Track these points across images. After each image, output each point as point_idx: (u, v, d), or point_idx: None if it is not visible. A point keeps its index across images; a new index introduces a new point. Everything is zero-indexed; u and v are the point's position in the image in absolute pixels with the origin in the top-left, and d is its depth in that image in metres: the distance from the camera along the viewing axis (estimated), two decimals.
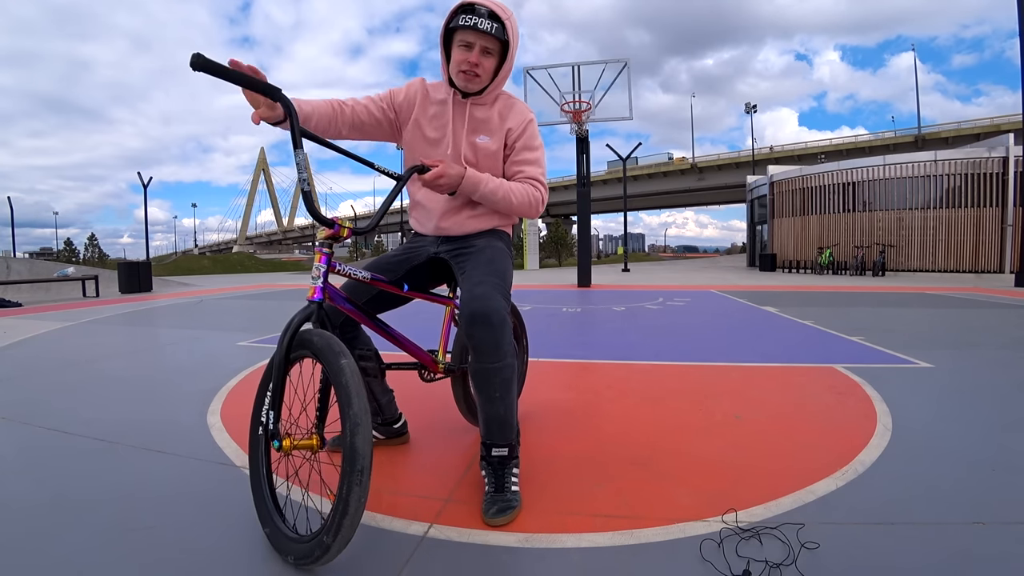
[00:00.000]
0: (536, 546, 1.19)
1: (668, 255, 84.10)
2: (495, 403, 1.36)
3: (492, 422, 1.39)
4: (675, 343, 4.07)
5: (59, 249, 61.23)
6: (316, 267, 1.25)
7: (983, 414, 2.17)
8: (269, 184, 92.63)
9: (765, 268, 18.98)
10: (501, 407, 1.37)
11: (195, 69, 1.03)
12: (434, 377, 1.68)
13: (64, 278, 9.85)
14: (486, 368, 1.33)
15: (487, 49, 1.43)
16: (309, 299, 1.24)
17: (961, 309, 6.20)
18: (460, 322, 1.36)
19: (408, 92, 1.56)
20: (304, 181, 1.18)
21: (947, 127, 37.29)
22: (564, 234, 43.45)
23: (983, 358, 3.29)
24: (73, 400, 2.45)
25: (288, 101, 1.18)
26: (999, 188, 14.76)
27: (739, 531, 1.22)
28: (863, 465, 1.60)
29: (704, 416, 2.14)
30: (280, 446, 1.14)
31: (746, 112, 45.22)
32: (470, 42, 1.41)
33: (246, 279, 18.30)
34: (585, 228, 11.54)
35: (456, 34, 1.43)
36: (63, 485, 1.52)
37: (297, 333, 1.20)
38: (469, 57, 1.42)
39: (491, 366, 1.33)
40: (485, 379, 1.35)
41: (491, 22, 1.38)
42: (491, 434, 1.40)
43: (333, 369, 1.09)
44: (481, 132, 1.52)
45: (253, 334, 4.41)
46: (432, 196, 1.56)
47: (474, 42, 1.41)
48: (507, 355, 1.35)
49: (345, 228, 1.27)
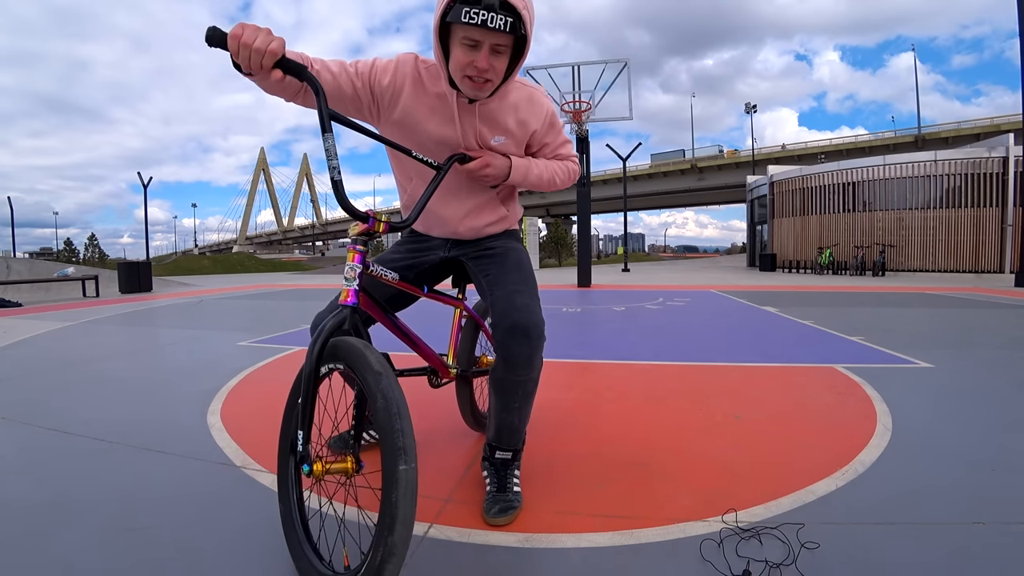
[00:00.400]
0: (536, 546, 1.19)
1: (668, 255, 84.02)
2: (512, 412, 1.35)
3: (504, 428, 1.38)
4: (675, 343, 4.06)
5: (59, 249, 61.31)
6: (350, 267, 1.12)
7: (983, 414, 2.17)
8: (269, 184, 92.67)
9: (765, 268, 18.98)
10: (516, 417, 1.36)
11: (210, 45, 0.98)
12: (442, 382, 1.60)
13: (64, 278, 9.84)
14: (513, 380, 1.30)
15: (498, 47, 1.15)
16: (342, 303, 1.10)
17: (961, 309, 6.20)
18: (496, 331, 1.29)
19: (396, 78, 1.27)
20: (334, 169, 1.04)
21: (947, 127, 37.28)
22: (564, 234, 43.42)
23: (983, 358, 3.29)
24: (73, 400, 2.45)
25: (316, 81, 1.04)
26: (999, 188, 14.76)
27: (739, 531, 1.22)
28: (863, 465, 1.60)
29: (704, 416, 2.14)
30: (311, 471, 0.99)
31: (746, 112, 45.31)
32: (477, 40, 1.13)
33: (246, 279, 18.29)
34: (585, 228, 11.54)
35: (457, 28, 1.14)
36: (63, 485, 1.52)
37: (328, 342, 1.05)
38: (476, 61, 1.15)
39: (519, 378, 1.30)
40: (510, 390, 1.32)
41: (504, 15, 1.09)
42: (500, 438, 1.39)
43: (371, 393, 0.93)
44: (496, 133, 1.34)
45: (253, 334, 4.40)
46: (446, 202, 1.41)
47: (482, 40, 1.13)
48: (536, 369, 1.32)
49: (381, 223, 1.13)
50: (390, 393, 0.91)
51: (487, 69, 1.17)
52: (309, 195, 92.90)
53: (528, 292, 1.34)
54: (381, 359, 0.98)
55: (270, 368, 3.08)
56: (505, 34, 1.13)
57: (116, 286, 10.48)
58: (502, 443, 1.39)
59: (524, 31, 1.15)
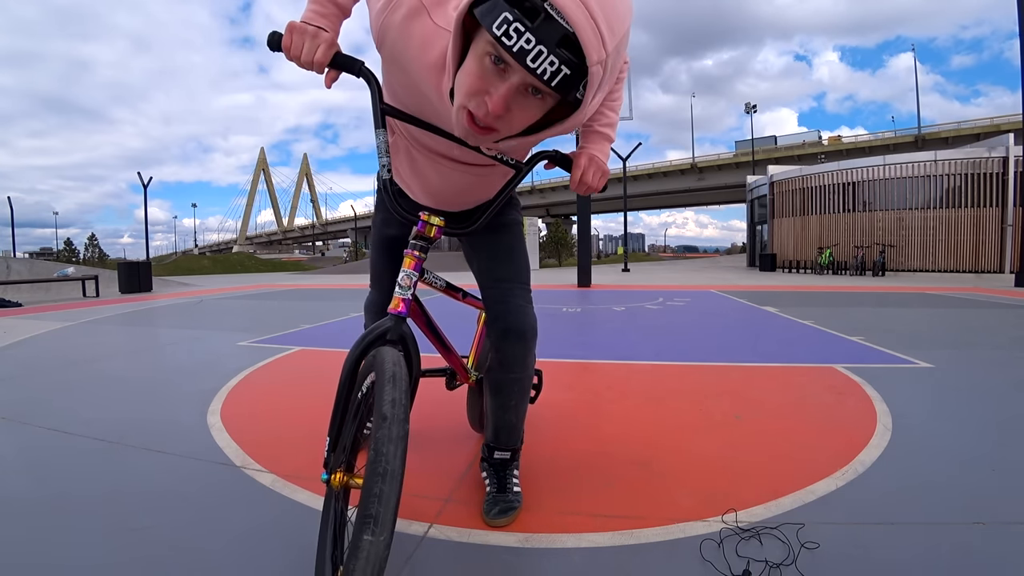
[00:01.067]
0: (536, 546, 1.19)
1: (668, 255, 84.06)
2: (509, 410, 1.36)
3: (502, 429, 1.38)
4: (675, 343, 4.06)
5: (59, 249, 61.30)
6: (406, 274, 1.02)
7: (983, 414, 2.17)
8: (269, 184, 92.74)
9: (765, 268, 18.98)
10: (513, 415, 1.37)
11: (272, 50, 0.97)
12: (457, 385, 1.61)
13: (64, 278, 9.84)
14: (508, 378, 1.32)
15: (533, 89, 0.77)
16: (392, 311, 1.00)
17: (961, 309, 6.20)
18: (491, 333, 1.29)
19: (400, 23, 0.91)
20: (384, 167, 0.99)
21: (947, 127, 37.29)
22: (564, 234, 43.43)
23: (983, 358, 3.29)
24: (73, 400, 2.45)
25: (372, 76, 0.97)
26: (999, 188, 14.76)
27: (739, 531, 1.22)
28: (863, 465, 1.60)
29: (704, 416, 2.14)
30: (328, 479, 0.94)
31: (746, 112, 45.32)
32: (506, 64, 0.75)
33: (246, 279, 18.30)
34: (585, 228, 11.54)
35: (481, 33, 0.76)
36: (63, 485, 1.52)
37: (367, 352, 0.98)
38: (490, 96, 0.78)
39: (514, 376, 1.31)
40: (505, 388, 1.33)
41: (558, 59, 0.70)
42: (498, 439, 1.40)
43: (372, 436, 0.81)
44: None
45: (253, 334, 4.40)
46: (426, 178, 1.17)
47: (512, 69, 0.75)
48: (530, 366, 1.34)
49: (432, 227, 1.03)
50: (383, 448, 0.78)
51: (500, 115, 0.80)
52: (309, 195, 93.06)
53: (521, 288, 1.33)
54: (398, 399, 0.82)
55: (270, 368, 3.08)
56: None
57: (116, 286, 10.48)
58: (500, 443, 1.40)
59: (579, 95, 0.75)
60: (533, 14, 0.69)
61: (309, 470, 1.58)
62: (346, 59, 0.98)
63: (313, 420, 1.91)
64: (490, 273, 1.34)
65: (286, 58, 0.95)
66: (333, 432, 0.99)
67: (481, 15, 0.73)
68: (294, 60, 0.95)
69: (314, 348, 3.80)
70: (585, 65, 0.72)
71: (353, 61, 0.98)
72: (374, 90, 0.98)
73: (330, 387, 1.88)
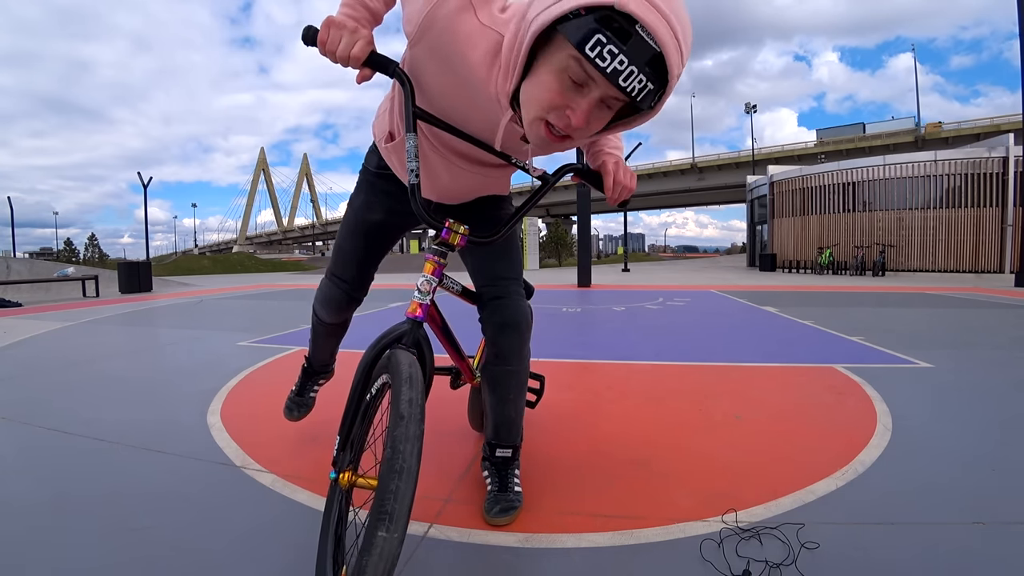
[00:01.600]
0: (536, 546, 1.19)
1: (668, 255, 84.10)
2: (508, 404, 1.37)
3: (502, 425, 1.39)
4: (675, 343, 4.06)
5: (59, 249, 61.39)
6: (426, 279, 1.03)
7: (983, 414, 2.17)
8: (269, 184, 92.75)
9: (765, 268, 18.99)
10: (512, 409, 1.38)
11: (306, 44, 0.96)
12: (461, 384, 1.63)
13: (64, 278, 9.84)
14: (505, 371, 1.34)
15: (610, 101, 0.81)
16: (409, 315, 1.02)
17: (961, 309, 6.20)
18: (486, 326, 1.31)
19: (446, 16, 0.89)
20: (413, 172, 0.97)
21: (947, 127, 37.28)
22: (564, 234, 43.45)
23: (983, 358, 3.29)
24: (73, 400, 2.45)
25: (407, 78, 0.96)
26: (999, 188, 14.77)
27: (739, 531, 1.22)
28: (863, 465, 1.60)
29: (704, 416, 2.14)
30: (335, 477, 0.95)
31: (746, 112, 45.28)
32: (588, 81, 0.78)
33: (246, 279, 18.30)
34: (585, 228, 11.54)
35: (565, 48, 0.77)
36: (63, 485, 1.52)
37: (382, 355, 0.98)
38: (572, 111, 0.81)
39: (511, 368, 1.33)
40: (503, 382, 1.35)
41: (648, 79, 0.75)
42: (498, 436, 1.40)
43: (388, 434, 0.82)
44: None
45: (253, 334, 4.40)
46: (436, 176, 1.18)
47: (594, 86, 0.78)
48: (526, 359, 1.36)
49: (457, 234, 1.03)
50: (401, 446, 0.79)
51: (581, 127, 0.83)
52: (309, 195, 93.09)
53: (516, 284, 1.35)
54: (415, 399, 0.84)
55: (270, 368, 3.08)
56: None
57: (116, 286, 10.48)
58: (501, 440, 1.40)
59: (653, 103, 0.80)
60: (624, 35, 0.73)
61: (309, 470, 1.58)
62: (381, 58, 0.97)
63: (313, 420, 1.91)
64: (488, 270, 1.36)
65: (320, 53, 0.95)
66: (344, 431, 0.99)
67: (569, 32, 0.75)
68: (329, 55, 0.94)
69: None
70: (666, 78, 0.77)
71: (388, 61, 0.98)
72: (408, 92, 0.97)
73: (330, 387, 1.89)
